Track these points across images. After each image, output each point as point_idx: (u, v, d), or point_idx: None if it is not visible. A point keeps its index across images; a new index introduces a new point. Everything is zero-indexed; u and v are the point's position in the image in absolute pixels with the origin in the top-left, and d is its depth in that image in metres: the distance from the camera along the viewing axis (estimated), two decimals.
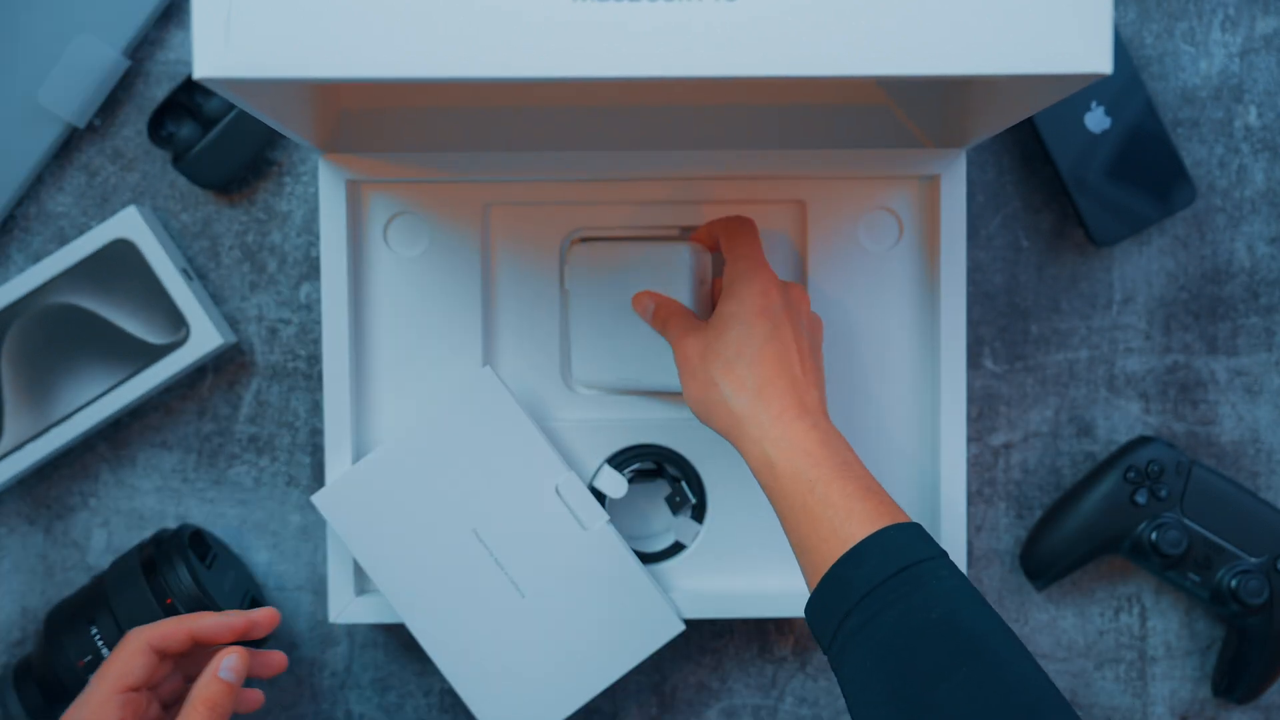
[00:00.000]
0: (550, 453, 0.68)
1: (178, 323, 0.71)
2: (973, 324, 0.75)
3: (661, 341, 0.69)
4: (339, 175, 0.69)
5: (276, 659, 0.64)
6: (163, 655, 0.60)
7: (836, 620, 0.53)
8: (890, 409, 0.72)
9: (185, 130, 0.73)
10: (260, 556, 0.75)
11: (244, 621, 0.62)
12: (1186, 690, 0.76)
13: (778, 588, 0.72)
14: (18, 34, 0.71)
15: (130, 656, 0.59)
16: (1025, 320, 0.75)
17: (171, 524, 0.74)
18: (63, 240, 0.74)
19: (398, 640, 0.76)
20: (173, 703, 0.63)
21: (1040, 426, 0.76)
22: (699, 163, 0.70)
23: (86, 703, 0.58)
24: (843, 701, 0.76)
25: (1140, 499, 0.72)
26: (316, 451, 0.74)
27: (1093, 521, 0.73)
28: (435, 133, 0.71)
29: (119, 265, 0.71)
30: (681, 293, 0.67)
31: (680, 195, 0.71)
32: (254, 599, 0.73)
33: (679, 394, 0.71)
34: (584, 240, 0.71)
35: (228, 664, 0.60)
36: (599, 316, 0.70)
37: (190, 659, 0.63)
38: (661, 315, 0.66)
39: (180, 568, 0.68)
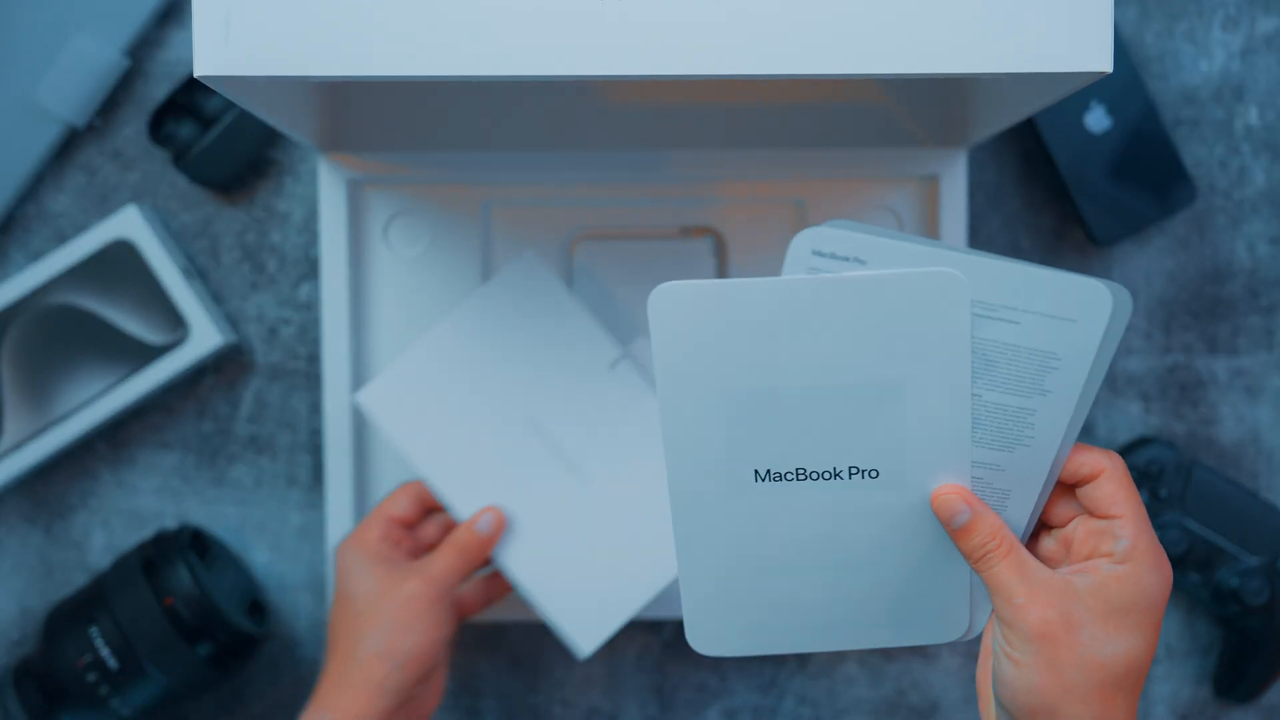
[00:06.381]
0: (600, 332, 0.66)
1: (178, 322, 0.71)
2: None
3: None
4: (339, 175, 0.69)
5: (506, 585, 0.69)
6: (425, 507, 0.68)
7: None
8: None
9: (185, 130, 0.73)
10: (260, 556, 0.75)
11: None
12: (1187, 690, 0.76)
13: None
14: (16, 34, 0.71)
15: (399, 496, 0.67)
16: None
17: (171, 524, 0.74)
18: (62, 240, 0.73)
19: None
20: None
21: None
22: (699, 162, 0.70)
23: (359, 526, 0.66)
24: (842, 701, 0.76)
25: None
26: (316, 451, 0.74)
27: None
28: (435, 133, 0.71)
29: (119, 265, 0.71)
30: None
31: (680, 195, 0.71)
32: (254, 599, 0.73)
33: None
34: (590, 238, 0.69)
35: (485, 519, 0.65)
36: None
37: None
38: (998, 542, 0.49)
39: (180, 568, 0.68)
